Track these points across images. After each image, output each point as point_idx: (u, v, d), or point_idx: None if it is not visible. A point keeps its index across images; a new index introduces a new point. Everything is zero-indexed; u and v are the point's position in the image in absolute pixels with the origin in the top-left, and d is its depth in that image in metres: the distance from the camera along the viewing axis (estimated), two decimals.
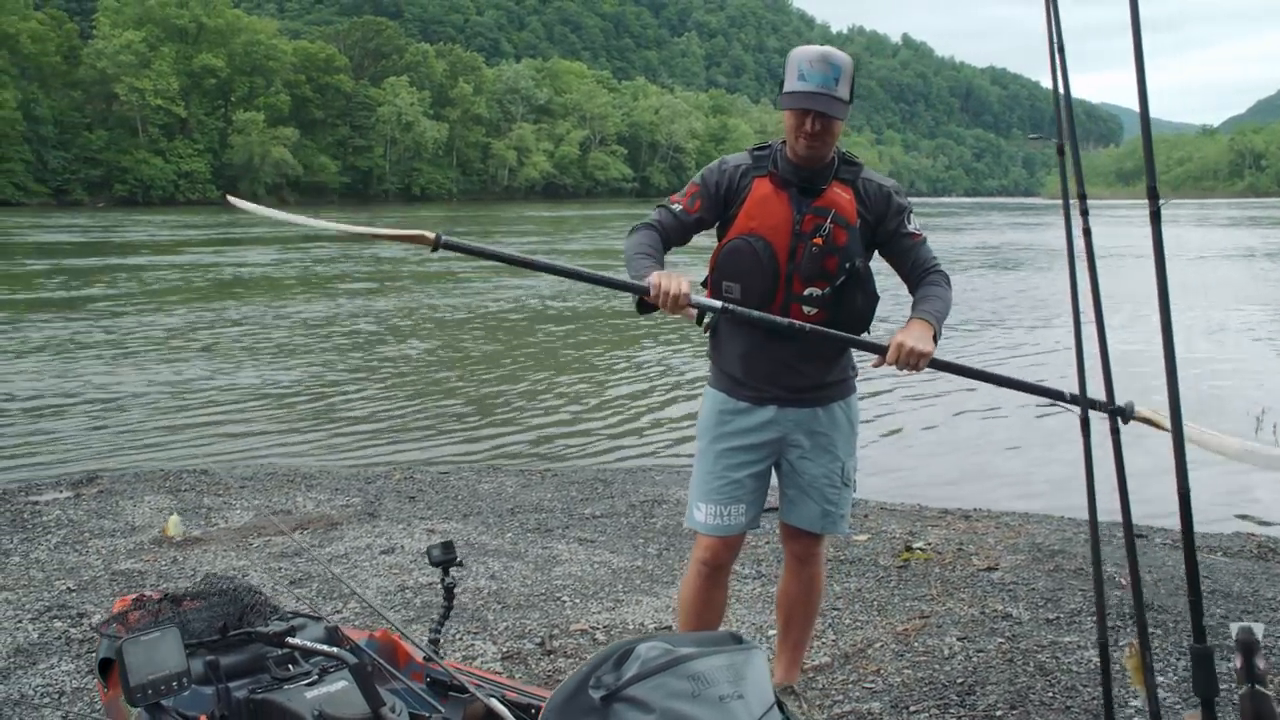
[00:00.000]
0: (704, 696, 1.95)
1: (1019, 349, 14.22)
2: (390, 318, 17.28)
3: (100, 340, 14.34)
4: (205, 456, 8.12)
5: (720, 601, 3.35)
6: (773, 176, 3.10)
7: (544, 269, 3.09)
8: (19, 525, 5.97)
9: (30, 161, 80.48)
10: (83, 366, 12.18)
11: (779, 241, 3.05)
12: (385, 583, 4.94)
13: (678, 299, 2.84)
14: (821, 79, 2.97)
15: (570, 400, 10.62)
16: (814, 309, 3.07)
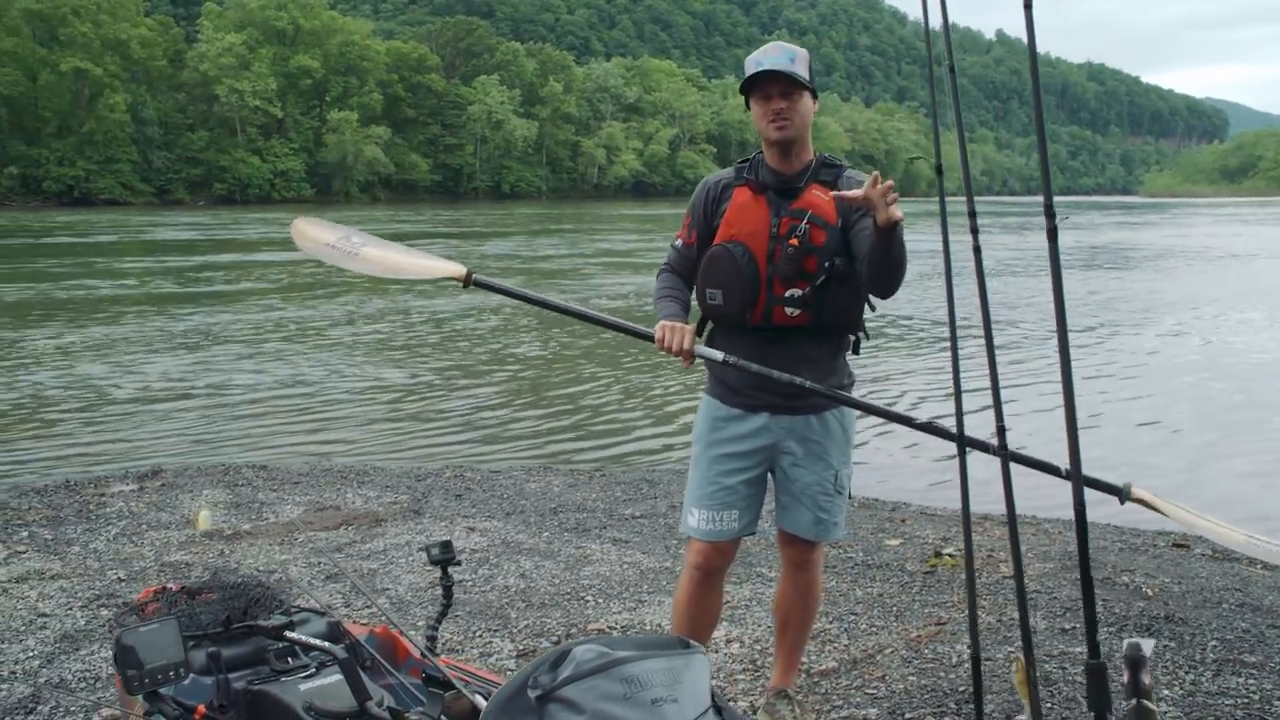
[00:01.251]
0: (636, 699, 2.02)
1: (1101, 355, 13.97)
2: (456, 319, 17.54)
3: (187, 336, 14.81)
4: (267, 451, 8.38)
5: (714, 606, 3.40)
6: (751, 184, 3.18)
7: (565, 311, 3.33)
8: (84, 516, 6.25)
9: (136, 162, 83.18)
10: (163, 361, 12.60)
11: (757, 246, 3.12)
12: (417, 579, 5.09)
13: (681, 353, 3.05)
14: (774, 59, 3.07)
15: (627, 400, 10.70)
16: (796, 310, 3.11)
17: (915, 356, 13.26)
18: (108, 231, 44.18)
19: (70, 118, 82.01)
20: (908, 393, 11.05)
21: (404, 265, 3.37)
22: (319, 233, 3.52)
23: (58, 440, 8.77)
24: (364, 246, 3.40)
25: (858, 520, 6.20)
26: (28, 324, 15.92)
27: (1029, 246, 37.90)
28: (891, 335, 15.02)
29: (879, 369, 12.32)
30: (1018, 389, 11.06)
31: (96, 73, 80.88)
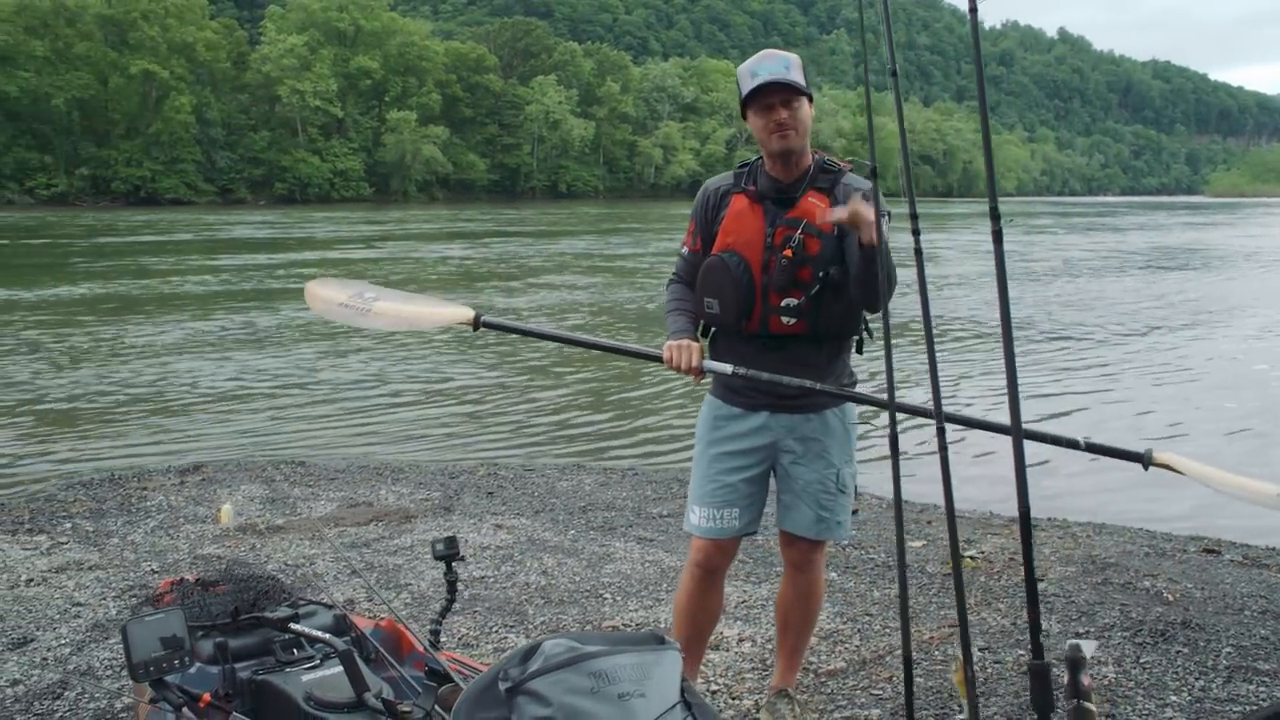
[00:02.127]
0: (603, 693, 2.07)
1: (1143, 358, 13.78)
2: (504, 313, 17.69)
3: (251, 333, 15.08)
4: (308, 448, 8.52)
5: (714, 604, 3.43)
6: (749, 193, 3.21)
7: (573, 342, 3.53)
8: (126, 509, 6.42)
9: (200, 162, 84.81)
10: (212, 359, 12.85)
11: (752, 255, 3.15)
12: (440, 574, 5.16)
13: (690, 370, 3.14)
14: (770, 69, 3.10)
15: (663, 396, 10.72)
16: (792, 319, 3.14)
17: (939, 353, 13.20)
18: (186, 230, 45.26)
19: (138, 119, 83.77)
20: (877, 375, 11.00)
21: (414, 317, 3.46)
22: (332, 292, 3.58)
23: (109, 435, 8.98)
24: (376, 301, 3.47)
25: (884, 521, 6.21)
26: (107, 320, 16.28)
27: (1099, 247, 37.45)
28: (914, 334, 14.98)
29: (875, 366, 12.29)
30: (1080, 392, 10.97)
31: (163, 75, 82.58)
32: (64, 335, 14.71)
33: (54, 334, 14.82)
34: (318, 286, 3.61)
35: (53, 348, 13.57)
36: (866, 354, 3.33)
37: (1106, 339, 15.28)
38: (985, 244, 40.51)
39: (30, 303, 18.67)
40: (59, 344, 13.90)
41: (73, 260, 28.81)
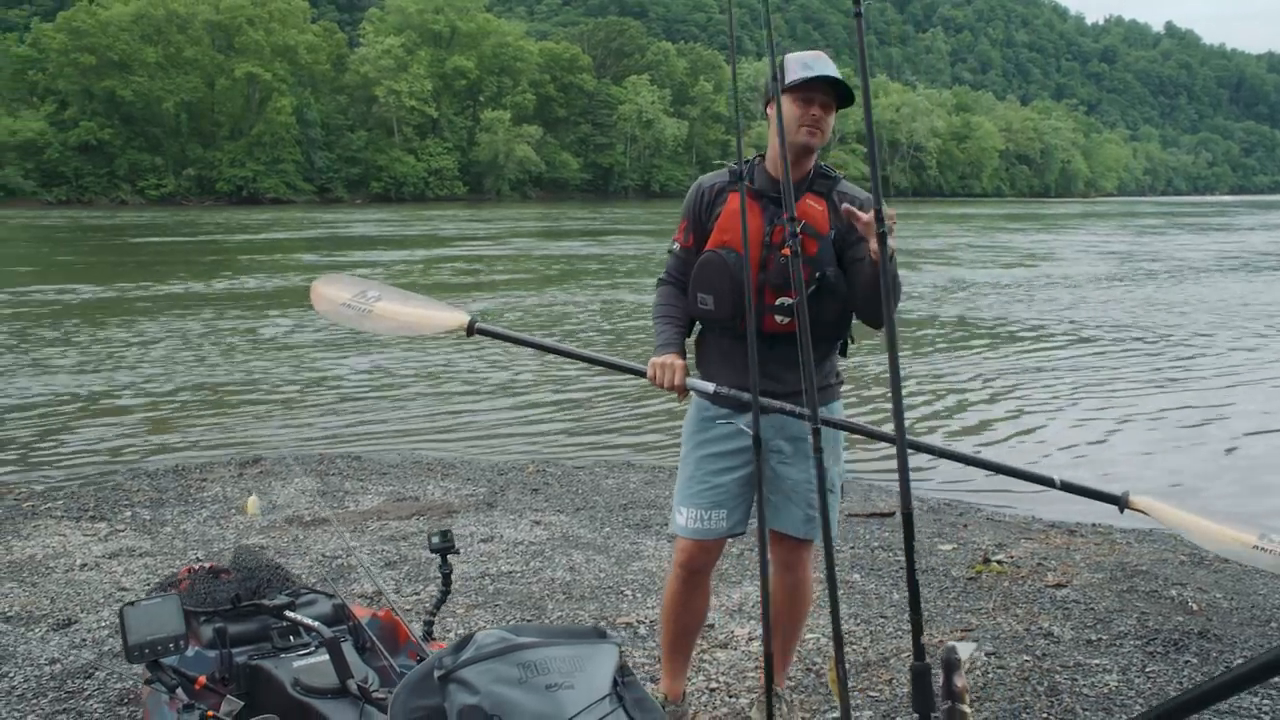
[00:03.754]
0: (531, 684, 2.16)
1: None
2: (564, 315, 17.82)
3: (328, 332, 15.46)
4: (368, 442, 8.74)
5: (700, 605, 3.46)
6: (748, 190, 3.20)
7: (561, 353, 3.64)
8: (184, 499, 6.68)
9: (299, 161, 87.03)
10: (288, 356, 13.21)
11: (750, 253, 3.13)
12: (469, 569, 5.30)
13: (674, 389, 3.20)
14: (826, 68, 3.14)
15: None
16: (787, 319, 3.16)
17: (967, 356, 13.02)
18: (314, 227, 46.98)
19: (241, 121, 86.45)
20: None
21: (411, 322, 3.51)
22: (336, 291, 3.63)
23: (184, 427, 9.31)
24: (377, 301, 3.53)
25: (920, 523, 6.18)
26: (203, 316, 16.82)
27: (1212, 247, 36.45)
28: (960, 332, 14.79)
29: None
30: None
31: (266, 78, 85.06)
32: (161, 329, 15.24)
33: (160, 327, 15.36)
34: (323, 284, 3.67)
35: (146, 341, 14.08)
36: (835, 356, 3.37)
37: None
38: (1102, 244, 39.81)
39: (137, 298, 19.36)
40: (155, 339, 14.41)
41: (208, 257, 29.85)
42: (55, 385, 11.12)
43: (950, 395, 11.06)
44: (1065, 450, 8.78)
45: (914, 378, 11.69)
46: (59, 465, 7.98)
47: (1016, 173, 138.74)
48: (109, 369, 12.14)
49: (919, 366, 12.56)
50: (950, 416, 10.12)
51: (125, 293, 20.29)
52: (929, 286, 22.34)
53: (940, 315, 17.71)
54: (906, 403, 10.00)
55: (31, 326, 15.61)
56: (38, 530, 6.03)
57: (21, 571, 5.31)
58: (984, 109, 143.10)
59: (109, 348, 13.64)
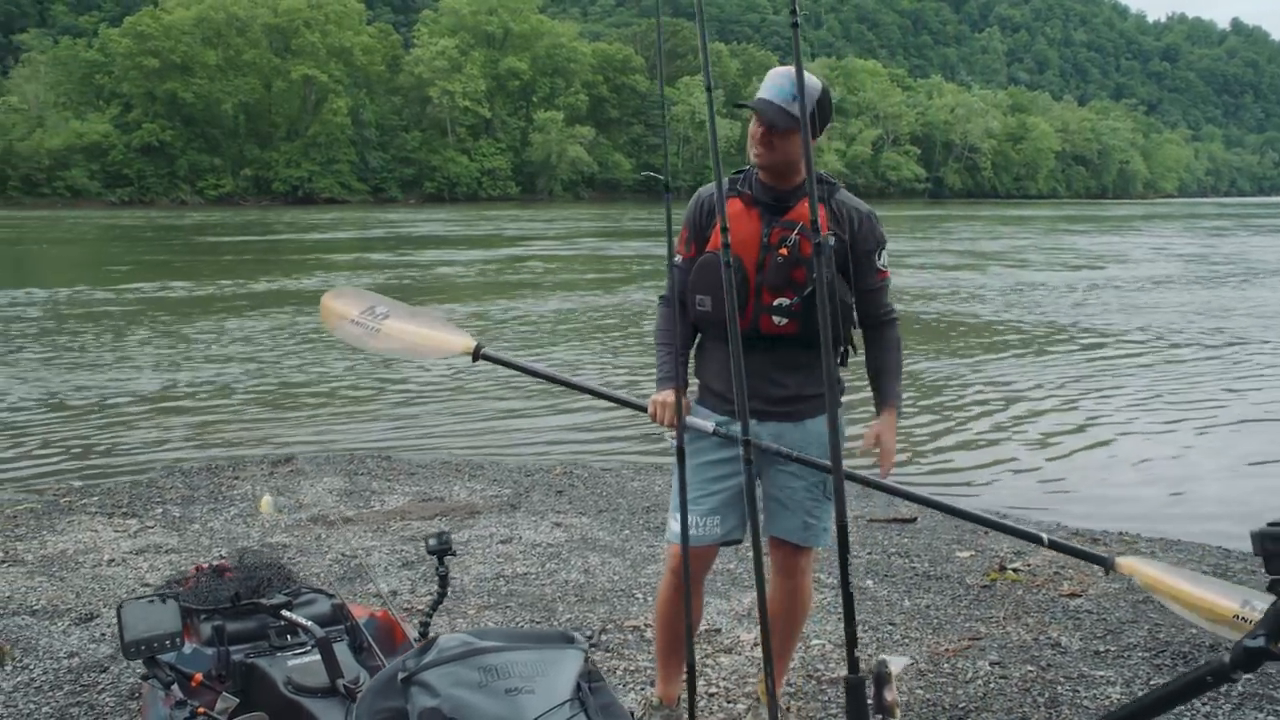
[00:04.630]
0: (491, 687, 2.20)
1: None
2: (602, 318, 17.87)
3: None
4: (393, 441, 8.84)
5: (693, 611, 3.49)
6: (744, 197, 3.26)
7: (565, 384, 3.69)
8: (215, 497, 6.81)
9: (354, 162, 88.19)
10: (329, 355, 13.38)
11: (747, 255, 3.19)
12: (485, 570, 5.36)
13: (673, 427, 3.25)
14: (777, 90, 3.17)
15: None
16: (784, 319, 3.19)
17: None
18: (375, 226, 47.64)
19: (298, 122, 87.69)
20: None
21: (418, 343, 3.56)
22: (346, 306, 3.67)
23: (222, 425, 9.47)
24: (385, 320, 3.57)
25: (939, 531, 6.16)
26: (278, 314, 17.10)
27: None
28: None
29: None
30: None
31: (322, 79, 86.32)
32: (238, 328, 15.51)
33: (237, 325, 15.64)
34: (332, 299, 3.72)
35: (211, 339, 14.34)
36: None
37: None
38: (1170, 245, 39.23)
39: (226, 296, 19.71)
40: (227, 335, 14.67)
41: (289, 255, 30.36)
42: (111, 383, 11.36)
43: (1019, 404, 10.71)
44: (1138, 467, 8.35)
45: (980, 384, 11.54)
46: (100, 462, 8.17)
47: (1073, 173, 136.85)
48: (165, 366, 12.38)
49: (989, 371, 12.44)
50: (1015, 427, 9.73)
51: (221, 290, 20.80)
52: (996, 290, 22.06)
53: (1010, 319, 17.48)
54: (971, 411, 9.98)
55: (95, 325, 15.96)
56: (72, 526, 6.18)
57: (52, 566, 5.44)
58: (1040, 109, 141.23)
59: (171, 345, 13.92)
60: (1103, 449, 8.94)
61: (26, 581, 5.20)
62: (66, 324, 16.10)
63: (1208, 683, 1.62)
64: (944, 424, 9.72)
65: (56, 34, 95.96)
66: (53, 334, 15.04)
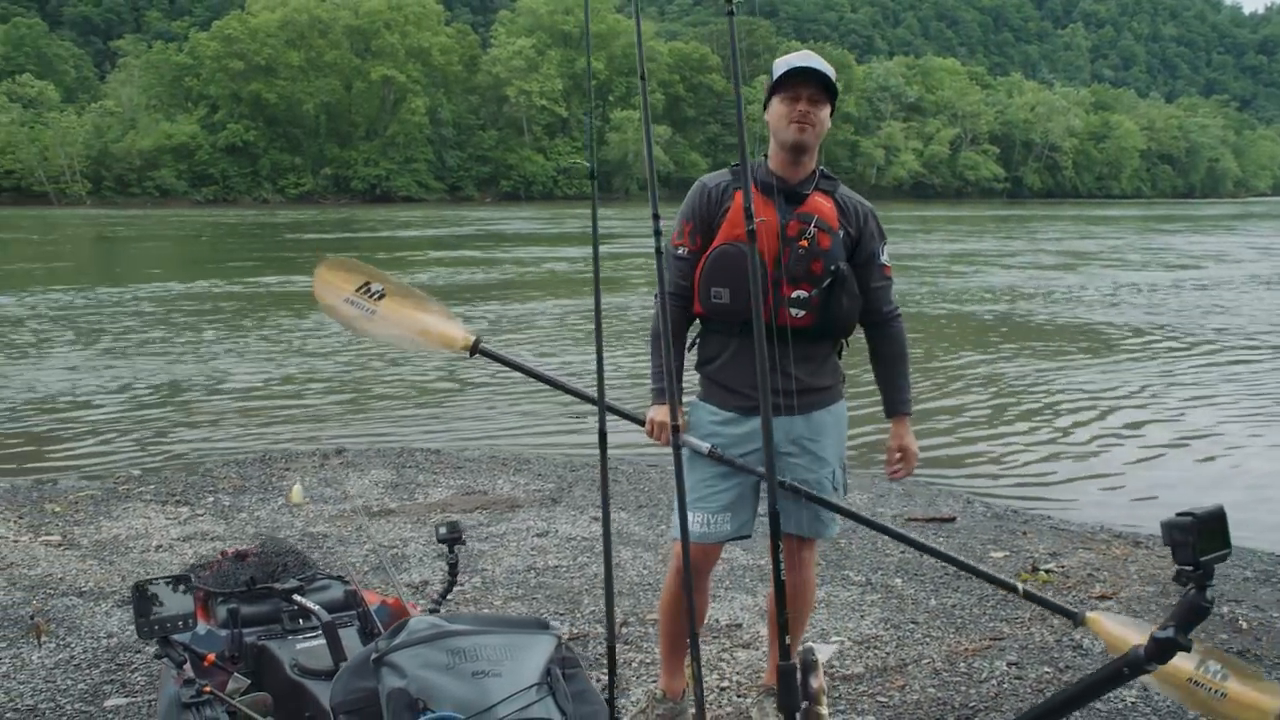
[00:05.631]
0: (458, 669, 2.26)
1: None
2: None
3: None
4: (444, 435, 8.96)
5: (698, 606, 3.49)
6: (756, 185, 3.18)
7: (563, 388, 3.66)
8: (265, 486, 6.98)
9: (432, 161, 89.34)
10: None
11: (766, 245, 3.14)
12: (517, 562, 5.44)
13: (668, 445, 3.23)
14: (808, 62, 3.17)
15: None
16: (802, 312, 3.20)
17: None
18: (462, 224, 49.02)
19: (376, 121, 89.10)
20: None
21: (412, 332, 3.50)
22: (341, 280, 3.57)
23: (286, 418, 9.70)
24: (381, 300, 3.50)
25: (978, 530, 6.11)
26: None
27: None
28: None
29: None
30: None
31: (401, 79, 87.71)
32: (292, 322, 15.86)
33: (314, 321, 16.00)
34: (327, 270, 3.60)
35: (294, 334, 14.67)
36: None
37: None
38: (1277, 246, 38.27)
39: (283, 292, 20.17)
40: (306, 331, 15.01)
41: (397, 252, 30.92)
42: (181, 374, 11.68)
43: (1120, 412, 10.32)
44: (1244, 482, 7.90)
45: (1078, 391, 11.31)
46: (163, 451, 8.41)
47: (1158, 172, 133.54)
48: (250, 358, 12.70)
49: (1093, 376, 12.25)
50: (1112, 437, 9.32)
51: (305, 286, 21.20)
52: (1096, 290, 21.72)
53: (1117, 321, 17.21)
54: (1072, 420, 9.79)
55: (194, 318, 16.41)
56: (127, 512, 6.38)
57: (104, 550, 5.64)
58: (1125, 107, 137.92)
59: (261, 338, 14.27)
60: (1214, 464, 8.49)
61: (79, 564, 5.39)
62: (172, 316, 16.59)
63: (1125, 674, 1.62)
64: (1041, 429, 9.59)
65: (150, 39, 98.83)
66: (152, 327, 15.50)
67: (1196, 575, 1.62)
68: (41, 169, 77.37)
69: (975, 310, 18.49)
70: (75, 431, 9.13)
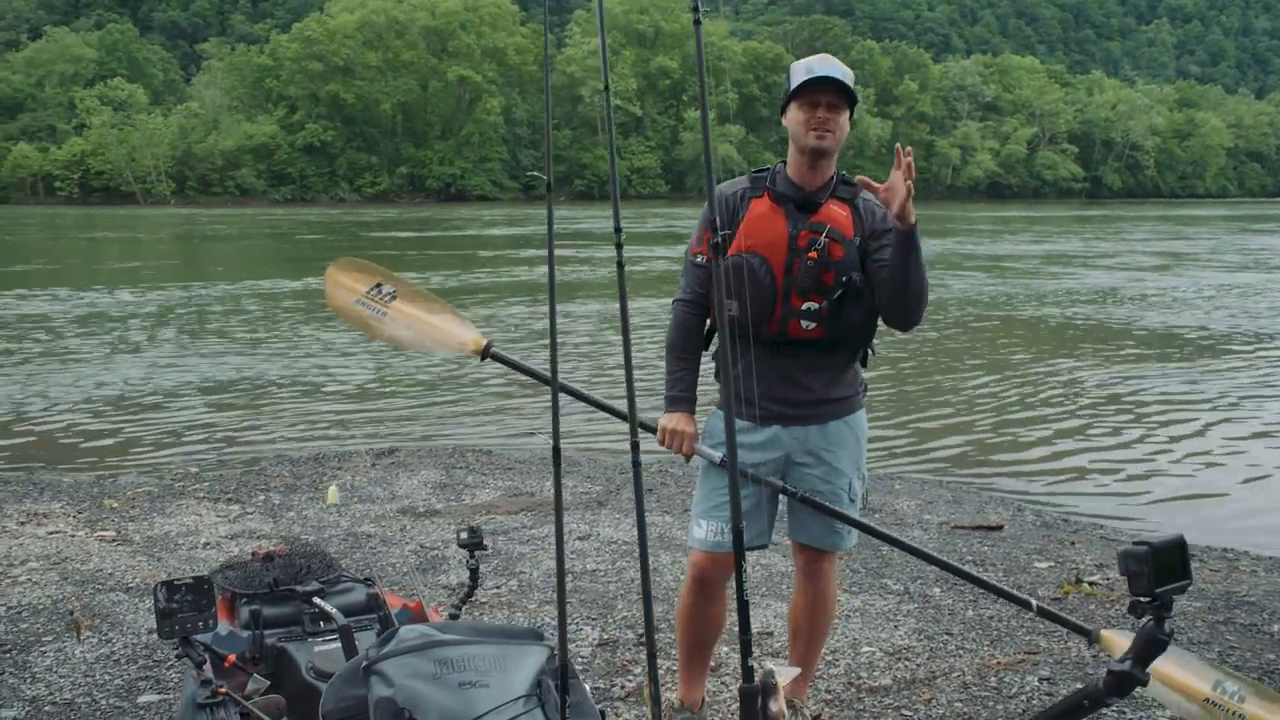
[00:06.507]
0: (445, 680, 2.27)
1: None
2: None
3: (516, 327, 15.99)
4: (498, 436, 9.02)
5: (714, 616, 3.45)
6: (770, 195, 3.22)
7: (573, 394, 3.56)
8: (315, 485, 7.09)
9: (506, 160, 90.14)
10: None
11: (775, 257, 3.15)
12: (554, 565, 5.44)
13: (682, 453, 3.28)
14: (827, 69, 3.14)
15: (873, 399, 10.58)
16: (812, 324, 3.16)
17: None
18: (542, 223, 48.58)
19: (452, 121, 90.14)
20: None
21: (424, 336, 3.54)
22: (352, 280, 3.62)
23: (344, 416, 9.84)
24: (393, 301, 3.54)
25: (1024, 539, 6.01)
26: None
27: None
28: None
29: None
30: None
31: (476, 79, 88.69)
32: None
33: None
34: (339, 271, 3.65)
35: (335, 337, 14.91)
36: None
37: None
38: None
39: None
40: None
41: (484, 251, 31.35)
42: (250, 371, 11.91)
43: (1192, 421, 10.01)
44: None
45: (1157, 397, 11.10)
46: (221, 448, 8.58)
47: (1246, 170, 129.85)
48: (321, 354, 12.92)
49: (1178, 383, 12.03)
50: (1186, 446, 9.00)
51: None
52: (1196, 293, 21.32)
53: (1210, 325, 16.82)
54: (1144, 428, 9.58)
55: (268, 315, 16.74)
56: (180, 509, 6.52)
57: (154, 546, 5.76)
58: (1211, 104, 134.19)
59: (349, 339, 14.51)
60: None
61: (129, 560, 5.51)
62: (274, 313, 16.94)
63: (1085, 706, 1.58)
64: (1110, 435, 9.40)
65: (234, 42, 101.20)
66: (250, 324, 15.84)
67: (1154, 607, 1.57)
68: (129, 169, 79.65)
69: (1065, 313, 18.15)
70: (145, 428, 9.36)
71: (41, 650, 4.32)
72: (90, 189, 79.95)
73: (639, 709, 3.77)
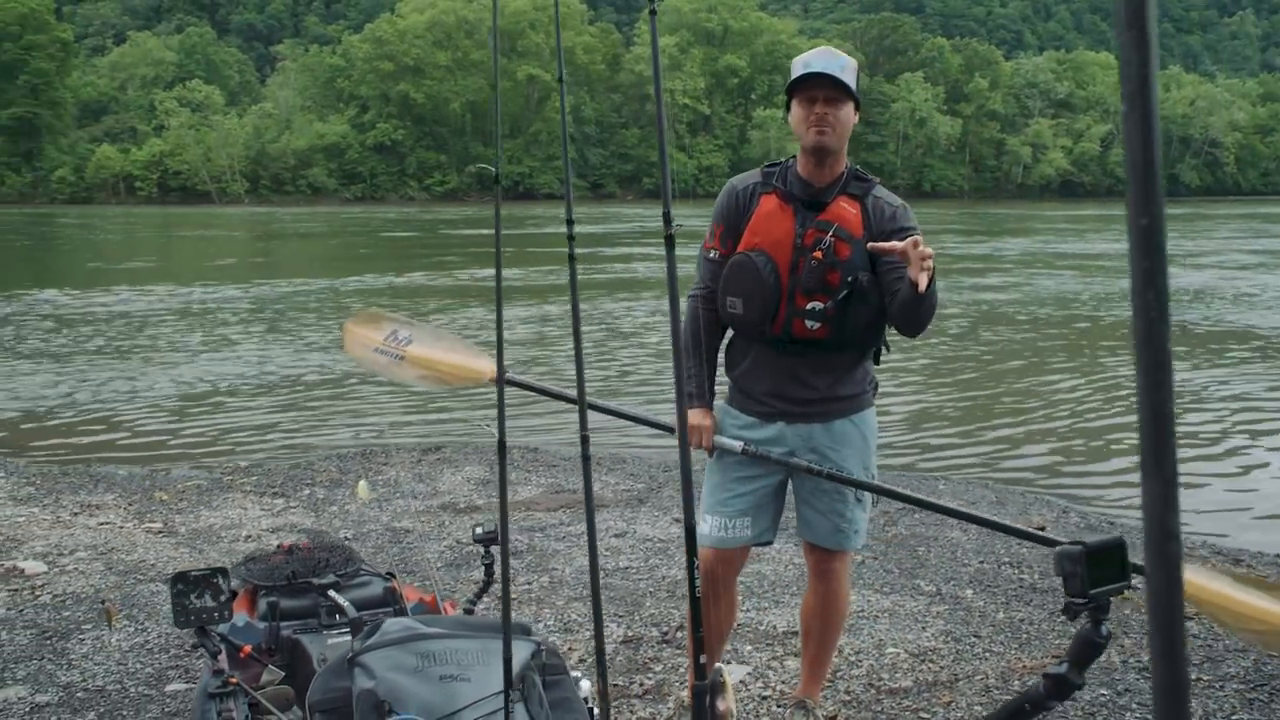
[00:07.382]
0: (426, 673, 2.30)
1: None
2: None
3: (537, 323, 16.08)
4: (542, 433, 9.05)
5: (724, 612, 3.45)
6: (779, 192, 3.20)
7: (593, 408, 3.41)
8: (360, 480, 7.17)
9: (574, 158, 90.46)
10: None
11: (780, 256, 3.14)
12: (586, 563, 5.46)
13: (700, 448, 3.29)
14: (824, 64, 3.10)
15: (913, 399, 10.48)
16: (817, 324, 3.14)
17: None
18: (619, 221, 49.94)
19: (520, 120, 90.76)
20: None
21: (441, 373, 3.63)
22: (368, 332, 3.73)
23: (393, 411, 9.96)
24: (409, 345, 3.64)
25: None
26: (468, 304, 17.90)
27: None
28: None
29: None
30: None
31: (545, 78, 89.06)
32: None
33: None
34: (356, 325, 3.80)
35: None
36: None
37: None
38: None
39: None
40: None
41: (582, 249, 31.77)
42: (323, 366, 12.11)
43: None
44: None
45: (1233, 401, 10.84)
46: (274, 441, 8.73)
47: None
48: None
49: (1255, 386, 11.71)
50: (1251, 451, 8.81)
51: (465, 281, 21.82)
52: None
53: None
54: (1210, 433, 9.38)
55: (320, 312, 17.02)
56: (226, 502, 6.65)
57: (197, 539, 5.88)
58: None
59: None
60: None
61: (172, 552, 5.63)
62: (353, 307, 17.25)
63: (1026, 710, 1.55)
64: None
65: (307, 43, 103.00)
66: (326, 319, 16.13)
67: (1090, 608, 1.54)
68: (205, 169, 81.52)
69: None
70: (205, 423, 9.55)
71: (80, 638, 4.44)
72: (168, 189, 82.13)
73: (654, 706, 3.78)
